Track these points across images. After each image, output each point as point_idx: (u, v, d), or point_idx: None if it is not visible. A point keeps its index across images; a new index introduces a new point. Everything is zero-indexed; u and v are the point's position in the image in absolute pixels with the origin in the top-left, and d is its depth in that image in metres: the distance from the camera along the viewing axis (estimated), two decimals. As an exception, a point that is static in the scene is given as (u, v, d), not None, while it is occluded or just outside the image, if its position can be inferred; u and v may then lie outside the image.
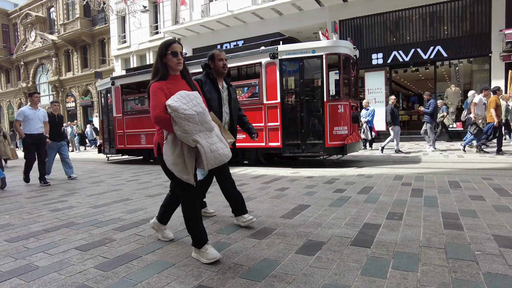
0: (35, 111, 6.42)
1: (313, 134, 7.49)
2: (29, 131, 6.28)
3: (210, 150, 2.21)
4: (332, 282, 1.96)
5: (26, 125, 6.30)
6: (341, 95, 7.55)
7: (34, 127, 6.33)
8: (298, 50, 7.49)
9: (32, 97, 6.56)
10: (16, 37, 31.37)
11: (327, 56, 7.33)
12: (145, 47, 19.81)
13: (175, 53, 2.40)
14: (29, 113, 6.32)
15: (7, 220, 3.75)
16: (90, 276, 2.18)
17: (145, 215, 3.73)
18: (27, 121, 6.28)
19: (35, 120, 6.34)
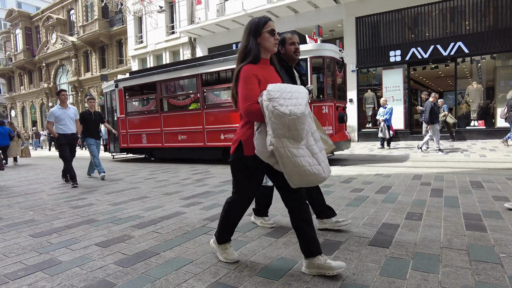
0: (65, 110, 6.26)
1: None
2: (62, 131, 6.17)
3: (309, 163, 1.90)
4: (350, 282, 1.94)
5: (58, 125, 6.18)
6: (325, 96, 7.77)
7: (66, 126, 6.22)
8: None
9: (59, 95, 6.29)
10: (38, 39, 32.33)
11: (312, 59, 7.61)
12: (161, 47, 20.06)
13: (273, 32, 2.11)
14: (59, 113, 6.18)
15: (31, 216, 3.87)
16: (110, 271, 2.23)
17: (162, 212, 3.78)
18: (59, 121, 6.15)
19: (66, 119, 6.22)
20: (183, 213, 3.73)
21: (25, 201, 4.84)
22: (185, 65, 9.38)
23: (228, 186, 5.27)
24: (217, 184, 5.45)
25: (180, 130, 9.52)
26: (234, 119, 8.31)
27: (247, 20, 14.18)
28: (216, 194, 4.71)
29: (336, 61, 8.11)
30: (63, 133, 6.17)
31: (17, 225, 3.52)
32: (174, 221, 3.42)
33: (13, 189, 5.97)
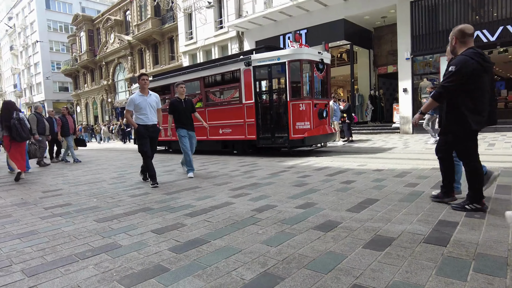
0: (145, 98, 5.37)
1: (280, 129, 8.75)
2: (142, 122, 5.33)
3: None
4: (402, 280, 1.86)
5: (138, 115, 5.34)
6: (302, 95, 8.63)
7: (146, 117, 5.35)
8: (267, 58, 8.74)
9: (139, 80, 5.39)
10: (99, 40, 34.82)
11: (289, 63, 8.45)
12: (210, 42, 20.54)
13: None
14: (139, 100, 5.30)
15: (95, 203, 4.23)
16: (165, 257, 2.37)
17: (212, 202, 3.91)
18: (139, 110, 5.31)
19: (147, 108, 5.35)
20: (232, 203, 3.83)
21: (89, 189, 5.29)
22: (190, 70, 10.97)
23: (275, 178, 5.30)
24: (265, 176, 5.50)
25: None
26: (229, 116, 9.63)
27: (295, 10, 14.00)
28: (263, 186, 4.75)
29: (314, 63, 8.82)
30: (143, 124, 5.33)
31: (84, 210, 3.86)
32: (223, 211, 3.52)
33: (79, 178, 6.55)
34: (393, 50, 15.16)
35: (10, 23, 49.23)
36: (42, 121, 9.25)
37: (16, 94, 51.41)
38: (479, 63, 2.89)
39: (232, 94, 9.76)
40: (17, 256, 2.52)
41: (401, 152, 7.98)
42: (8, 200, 4.69)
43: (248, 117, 9.14)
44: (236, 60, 9.30)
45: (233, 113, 9.48)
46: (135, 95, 5.39)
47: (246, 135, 9.25)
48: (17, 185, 6.12)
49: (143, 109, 5.32)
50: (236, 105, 9.42)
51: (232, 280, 1.97)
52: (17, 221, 3.52)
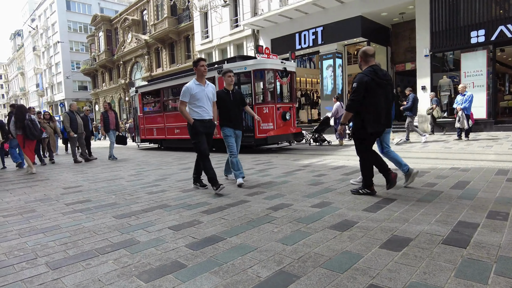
0: (203, 88, 4.56)
1: (248, 129, 9.74)
2: (199, 116, 4.54)
3: None
4: (420, 281, 1.84)
5: (193, 107, 4.55)
6: (265, 100, 9.87)
7: (204, 110, 4.58)
8: (236, 67, 9.69)
9: (197, 66, 4.55)
10: (116, 40, 35.47)
11: (254, 71, 9.60)
12: (225, 40, 20.62)
13: None
14: (196, 90, 4.49)
15: (113, 200, 4.33)
16: (182, 253, 2.41)
17: (228, 200, 3.95)
18: (195, 101, 4.51)
19: (204, 99, 4.56)
20: (248, 201, 3.85)
21: (108, 186, 5.42)
22: (177, 76, 12.25)
23: (290, 177, 5.29)
24: (280, 175, 5.50)
25: (175, 126, 12.26)
26: None
27: (311, 8, 13.92)
28: (279, 184, 4.76)
29: (277, 72, 9.89)
30: (200, 118, 4.54)
31: (103, 207, 3.96)
32: (239, 208, 3.55)
33: (98, 176, 6.72)
34: (411, 47, 14.85)
35: (33, 25, 50.79)
36: (75, 119, 9.49)
37: (38, 93, 53.03)
38: (372, 79, 3.61)
39: None
40: (42, 249, 2.62)
41: (419, 151, 7.82)
42: (32, 196, 4.86)
43: None
44: (211, 69, 10.28)
45: None
46: (192, 84, 4.51)
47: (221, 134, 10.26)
48: (40, 181, 6.33)
49: (200, 101, 4.52)
50: None
51: (248, 277, 1.99)
52: (41, 216, 3.65)
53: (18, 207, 4.19)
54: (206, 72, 4.60)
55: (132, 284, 1.96)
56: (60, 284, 2.02)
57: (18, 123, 7.55)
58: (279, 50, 17.54)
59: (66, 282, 2.03)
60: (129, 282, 1.99)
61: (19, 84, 63.77)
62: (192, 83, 4.52)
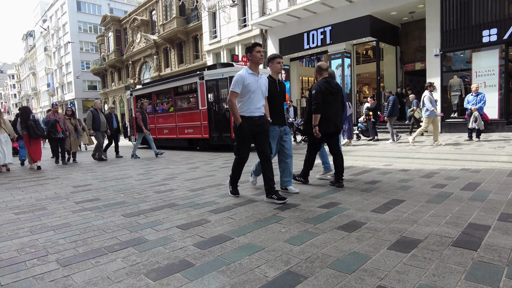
0: (257, 78, 3.82)
1: (226, 130, 10.88)
2: (248, 112, 3.79)
3: None
4: (429, 283, 1.82)
5: (244, 101, 3.80)
6: None
7: (255, 105, 3.81)
8: (214, 74, 11.04)
9: (252, 52, 3.83)
10: (126, 40, 35.80)
11: (230, 78, 10.26)
12: (233, 40, 20.66)
13: None
14: (250, 80, 3.76)
15: (122, 198, 4.38)
16: (190, 252, 2.42)
17: (236, 199, 3.95)
18: (246, 94, 3.76)
19: (257, 92, 3.81)
20: (255, 201, 3.85)
21: (117, 185, 5.47)
22: (166, 81, 13.52)
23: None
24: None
25: (165, 126, 13.53)
26: (192, 119, 11.94)
27: (319, 7, 13.89)
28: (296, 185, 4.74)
29: None
30: (249, 115, 3.79)
31: (112, 205, 4.01)
32: (246, 208, 3.55)
33: (107, 174, 6.79)
34: (421, 46, 14.68)
35: (44, 26, 51.58)
36: (98, 117, 9.58)
37: (49, 93, 53.82)
38: (326, 88, 4.41)
39: (193, 102, 12.11)
40: (52, 247, 2.66)
41: (429, 152, 7.73)
42: (43, 194, 4.93)
43: (204, 120, 11.50)
44: (194, 75, 11.77)
45: (194, 116, 11.88)
46: (244, 72, 3.81)
47: (202, 134, 11.63)
48: (50, 179, 6.42)
49: (253, 94, 3.79)
50: (195, 111, 11.79)
51: (255, 277, 1.99)
52: (51, 214, 3.71)
53: (29, 204, 4.26)
54: (262, 60, 3.92)
55: (140, 282, 1.98)
56: (70, 281, 2.05)
57: (23, 123, 8.28)
58: (288, 50, 17.53)
59: (76, 279, 2.06)
60: (137, 280, 2.01)
61: (30, 84, 64.82)
62: (245, 72, 3.81)
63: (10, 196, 4.92)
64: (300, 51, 17.00)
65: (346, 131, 10.56)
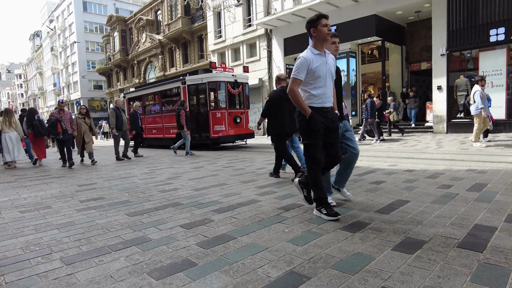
0: (325, 59, 3.09)
1: (205, 130, 11.99)
2: (319, 103, 3.06)
3: None
4: (434, 285, 1.79)
5: (311, 89, 3.06)
6: (218, 106, 12.17)
7: (326, 94, 3.09)
8: (195, 79, 12.25)
9: (317, 27, 3.04)
10: (131, 39, 35.97)
11: (209, 83, 11.97)
12: (238, 40, 20.66)
13: None
14: (317, 63, 3.03)
15: (126, 197, 4.39)
16: (193, 252, 2.42)
17: (239, 199, 3.95)
18: (314, 80, 3.04)
19: (326, 77, 3.09)
20: (259, 201, 3.84)
21: (121, 184, 5.50)
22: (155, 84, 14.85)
23: (302, 177, 5.26)
24: (291, 175, 5.48)
25: (153, 127, 14.62)
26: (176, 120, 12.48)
27: (324, 7, 13.87)
28: (290, 184, 4.74)
29: (229, 83, 12.16)
30: (320, 106, 3.07)
31: (116, 204, 4.02)
32: (250, 208, 3.55)
33: (112, 173, 6.82)
34: (427, 46, 14.56)
35: (51, 26, 52.00)
36: (121, 116, 9.60)
37: (55, 93, 54.27)
38: (281, 96, 5.08)
39: (177, 104, 12.21)
40: (56, 245, 2.67)
41: (434, 152, 7.67)
42: (48, 193, 4.97)
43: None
44: (177, 80, 12.97)
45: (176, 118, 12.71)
46: (309, 54, 3.05)
47: None
48: (56, 178, 6.47)
49: (321, 80, 3.05)
50: None
51: (258, 277, 1.98)
52: (56, 212, 3.73)
53: (34, 203, 4.29)
54: (329, 36, 3.11)
55: (143, 281, 1.98)
56: (73, 279, 2.05)
57: (28, 122, 8.97)
58: (292, 49, 17.49)
59: (79, 278, 2.07)
60: (140, 279, 2.01)
61: (37, 83, 65.43)
62: (310, 53, 3.06)
63: (16, 194, 4.97)
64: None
65: None
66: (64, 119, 8.59)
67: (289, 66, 18.24)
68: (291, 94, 3.07)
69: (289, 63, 18.21)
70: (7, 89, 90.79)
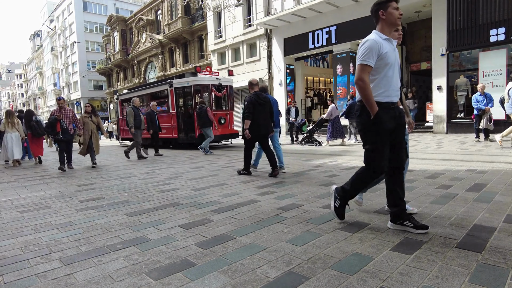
0: (393, 46, 2.74)
1: (190, 130, 12.58)
2: (386, 97, 2.64)
3: None
4: (432, 285, 1.79)
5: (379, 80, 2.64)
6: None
7: (394, 86, 2.68)
8: (181, 82, 12.90)
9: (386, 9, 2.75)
10: (131, 39, 35.96)
11: (194, 86, 12.59)
12: (238, 40, 20.65)
13: None
14: (387, 48, 2.65)
15: (126, 197, 4.39)
16: (192, 252, 2.42)
17: (239, 199, 3.95)
18: (383, 69, 2.63)
19: (395, 66, 2.71)
20: (258, 201, 3.84)
21: (121, 184, 5.50)
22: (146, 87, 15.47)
23: (302, 177, 5.26)
24: (291, 175, 5.48)
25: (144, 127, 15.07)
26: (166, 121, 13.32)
27: (325, 7, 13.86)
28: (290, 184, 4.74)
29: (213, 86, 12.81)
30: (388, 101, 2.65)
31: (115, 204, 4.02)
32: (249, 208, 3.55)
33: (112, 173, 6.82)
34: (427, 46, 14.56)
35: (51, 26, 52.01)
36: (139, 115, 9.55)
37: (56, 92, 54.25)
38: (255, 100, 5.50)
39: (166, 105, 13.63)
40: (56, 245, 2.67)
41: (434, 153, 7.67)
42: (48, 193, 4.97)
43: (173, 122, 13.22)
44: (165, 83, 13.62)
45: (167, 119, 13.35)
46: (377, 37, 2.67)
47: (173, 134, 13.33)
48: (55, 178, 6.47)
49: (391, 68, 2.65)
50: (167, 113, 13.42)
51: (256, 277, 1.98)
52: (56, 212, 3.73)
53: (34, 203, 4.29)
54: (399, 20, 2.75)
55: (141, 282, 1.98)
56: (72, 279, 2.05)
57: (27, 123, 9.53)
58: (292, 49, 17.49)
59: (78, 278, 2.07)
60: (138, 280, 2.01)
61: (37, 83, 65.44)
62: (376, 36, 2.66)
63: (16, 194, 4.97)
64: (305, 50, 16.96)
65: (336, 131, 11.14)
66: (65, 117, 7.76)
67: (289, 66, 18.25)
68: (359, 84, 2.55)
69: (289, 63, 18.22)
70: (7, 89, 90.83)
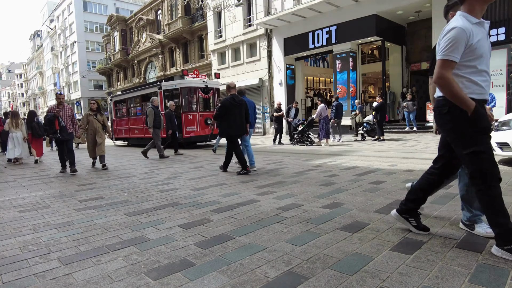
0: (485, 30, 2.22)
1: (178, 130, 12.06)
2: (480, 93, 2.19)
3: None
4: (432, 285, 1.79)
5: (471, 73, 2.17)
6: (190, 109, 13.29)
7: (487, 79, 2.23)
8: (170, 85, 13.40)
9: None
10: (131, 39, 35.95)
11: (181, 88, 13.07)
12: (238, 40, 20.65)
13: None
14: (479, 35, 2.14)
15: (125, 197, 4.39)
16: (191, 252, 2.41)
17: (238, 199, 3.94)
18: (475, 61, 2.15)
19: (487, 55, 2.22)
20: (258, 201, 3.84)
21: (120, 183, 5.49)
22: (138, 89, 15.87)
23: (301, 177, 5.25)
24: (291, 175, 5.47)
25: (135, 128, 15.57)
26: None
27: (325, 7, 13.85)
28: (289, 184, 4.73)
29: (200, 88, 13.31)
30: (482, 98, 2.22)
31: (115, 204, 4.02)
32: (249, 208, 3.54)
33: (111, 173, 6.82)
34: (427, 46, 14.56)
35: (51, 26, 52.01)
36: (159, 115, 9.56)
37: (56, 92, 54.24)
38: (230, 102, 5.87)
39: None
40: (55, 245, 2.67)
41: (434, 153, 7.64)
42: (47, 192, 4.97)
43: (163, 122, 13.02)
44: (155, 85, 14.06)
45: None
46: (466, 23, 2.12)
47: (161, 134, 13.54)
48: (55, 178, 6.47)
49: (484, 60, 2.19)
50: None
51: (256, 277, 1.97)
52: (55, 212, 3.73)
53: (34, 203, 4.29)
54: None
55: (140, 281, 1.98)
56: (71, 279, 2.05)
57: (28, 124, 9.76)
58: (293, 49, 17.48)
59: (77, 278, 2.06)
60: (137, 279, 2.01)
61: (37, 83, 65.44)
62: (466, 22, 2.12)
63: (15, 194, 4.96)
64: (305, 50, 16.96)
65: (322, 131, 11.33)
66: (63, 115, 7.07)
67: (289, 66, 18.24)
68: (440, 83, 2.13)
69: (289, 63, 18.22)
70: (8, 89, 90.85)
